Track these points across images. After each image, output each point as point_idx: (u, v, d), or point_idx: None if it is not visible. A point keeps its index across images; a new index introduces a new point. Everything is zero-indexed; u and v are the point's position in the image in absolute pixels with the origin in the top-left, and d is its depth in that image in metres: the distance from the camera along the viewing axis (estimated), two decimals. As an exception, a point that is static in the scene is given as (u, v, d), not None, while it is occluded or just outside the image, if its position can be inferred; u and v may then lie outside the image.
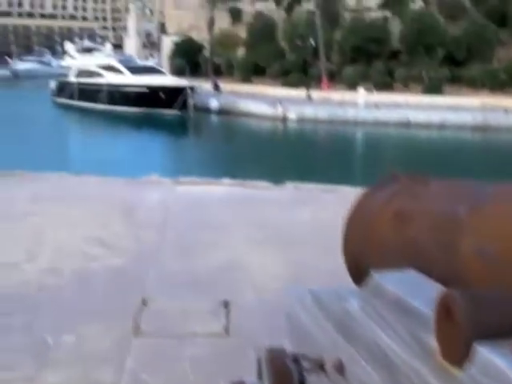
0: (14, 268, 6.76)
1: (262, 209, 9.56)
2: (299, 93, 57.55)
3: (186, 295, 6.15)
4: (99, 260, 7.09)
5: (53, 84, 70.57)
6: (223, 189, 11.01)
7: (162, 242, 7.76)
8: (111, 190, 10.92)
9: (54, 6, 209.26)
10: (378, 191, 3.20)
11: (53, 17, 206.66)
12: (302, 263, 7.08)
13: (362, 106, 50.92)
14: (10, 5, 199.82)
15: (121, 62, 62.41)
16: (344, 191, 10.91)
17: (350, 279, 4.24)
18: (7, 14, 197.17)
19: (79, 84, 63.60)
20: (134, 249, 7.50)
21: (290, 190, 11.11)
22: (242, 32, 76.65)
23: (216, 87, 60.81)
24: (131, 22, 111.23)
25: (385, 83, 57.17)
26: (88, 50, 75.53)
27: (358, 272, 3.31)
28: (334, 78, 61.84)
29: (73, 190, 10.77)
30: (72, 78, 66.77)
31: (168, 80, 56.55)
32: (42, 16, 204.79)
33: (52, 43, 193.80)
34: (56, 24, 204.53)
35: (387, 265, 2.54)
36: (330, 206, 9.62)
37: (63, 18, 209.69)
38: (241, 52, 73.95)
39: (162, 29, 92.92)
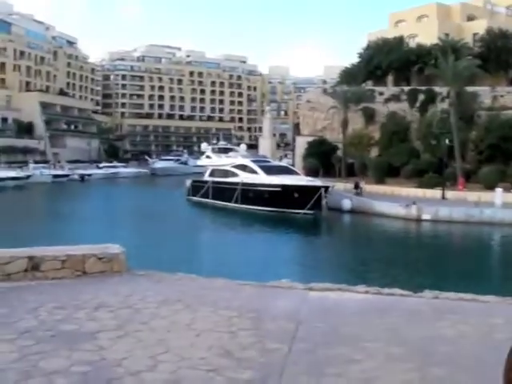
0: (135, 377, 6.47)
1: (401, 319, 8.92)
2: (434, 193, 56.84)
3: (316, 419, 5.63)
4: (223, 373, 6.63)
5: (188, 183, 72.97)
6: (358, 296, 10.46)
7: (291, 355, 7.22)
8: (240, 294, 10.60)
9: (193, 108, 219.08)
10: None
11: (191, 118, 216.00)
12: (447, 387, 6.48)
13: (499, 206, 49.84)
14: (151, 107, 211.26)
15: (255, 162, 63.75)
16: (487, 301, 10.31)
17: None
18: (149, 116, 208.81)
19: (214, 183, 65.43)
20: (261, 362, 7.00)
21: (429, 298, 10.41)
22: (375, 132, 76.72)
23: (357, 188, 60.79)
24: (266, 123, 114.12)
25: (524, 182, 55.97)
26: (223, 150, 77.75)
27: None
28: (470, 178, 60.41)
29: (201, 293, 10.52)
30: (207, 177, 68.78)
31: (302, 180, 57.14)
32: (181, 117, 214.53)
33: (189, 143, 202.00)
34: (194, 125, 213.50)
35: None
36: (473, 318, 9.03)
37: (201, 119, 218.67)
38: (374, 152, 73.84)
39: (296, 129, 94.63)
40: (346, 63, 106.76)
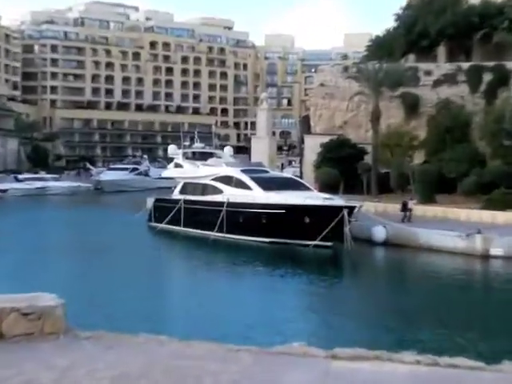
0: None
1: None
2: (507, 217, 56.55)
3: None
4: None
5: (150, 203, 73.43)
6: (405, 368, 10.16)
7: None
8: (233, 365, 10.31)
9: (156, 95, 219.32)
10: None
11: (153, 109, 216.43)
12: None
13: None
14: (95, 93, 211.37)
15: (247, 172, 63.55)
16: None
17: None
18: (92, 106, 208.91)
19: (187, 203, 65.47)
20: None
21: (512, 372, 10.50)
22: (420, 129, 76.57)
23: (405, 209, 60.35)
24: (262, 117, 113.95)
25: None
26: (200, 156, 77.24)
27: None
28: None
29: (175, 365, 10.27)
30: (177, 195, 69.01)
31: (316, 198, 56.83)
32: (139, 108, 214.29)
33: (151, 145, 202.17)
34: (157, 119, 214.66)
35: None
36: None
37: (167, 110, 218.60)
38: (419, 158, 73.62)
39: (305, 126, 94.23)
40: (376, 30, 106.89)
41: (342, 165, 75.76)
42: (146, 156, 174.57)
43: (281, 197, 57.21)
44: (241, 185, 61.34)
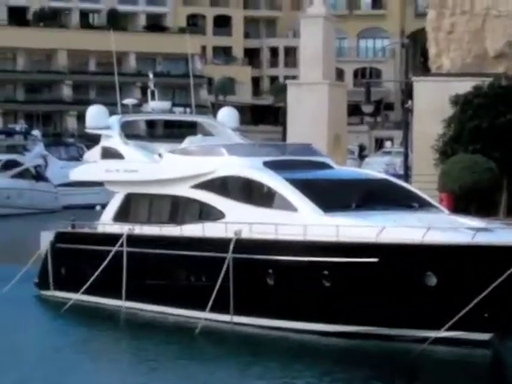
0: None
1: None
2: None
3: None
4: None
5: (46, 243, 68.23)
6: None
7: None
8: None
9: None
10: None
11: (51, 19, 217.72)
12: None
13: None
14: None
15: (280, 168, 57.96)
16: None
17: None
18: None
19: (135, 243, 59.59)
20: None
21: None
22: None
23: None
24: (312, 35, 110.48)
25: None
26: (165, 131, 75.93)
27: None
28: None
29: None
30: (111, 225, 64.64)
31: (450, 230, 50.56)
32: (17, 16, 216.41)
33: (49, 105, 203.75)
34: (62, 43, 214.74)
35: None
36: None
37: (86, 24, 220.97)
38: None
39: (417, 56, 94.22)
40: None
41: (507, 148, 73.95)
42: (36, 132, 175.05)
43: (366, 227, 50.39)
44: (268, 199, 54.67)
